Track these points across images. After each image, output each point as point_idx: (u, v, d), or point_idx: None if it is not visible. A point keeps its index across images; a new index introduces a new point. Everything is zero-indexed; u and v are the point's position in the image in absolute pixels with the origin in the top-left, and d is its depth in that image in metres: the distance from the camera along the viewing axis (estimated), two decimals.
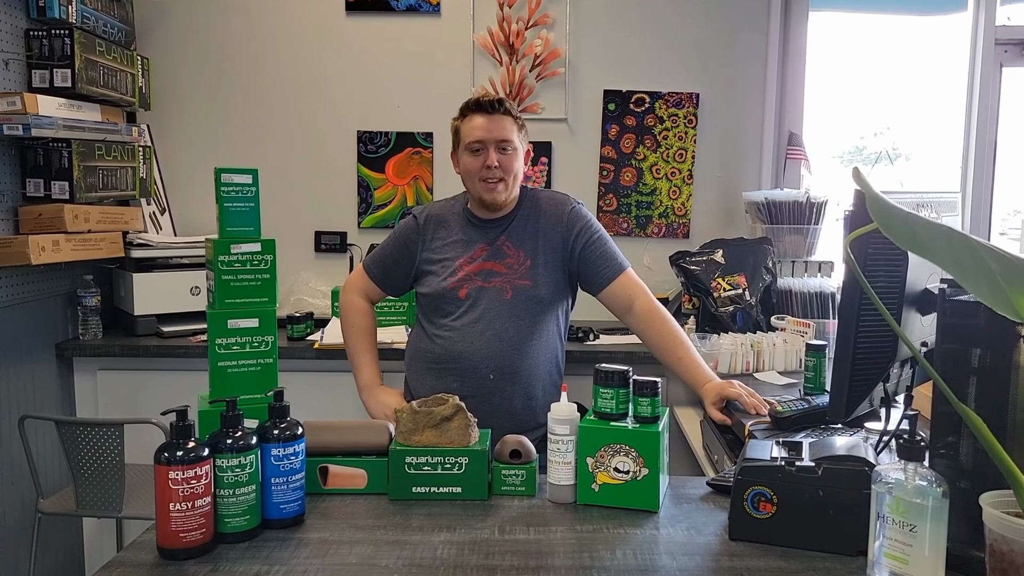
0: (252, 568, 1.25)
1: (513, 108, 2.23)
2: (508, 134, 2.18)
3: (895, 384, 1.48)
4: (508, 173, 2.19)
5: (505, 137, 2.18)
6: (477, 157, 2.18)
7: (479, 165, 2.17)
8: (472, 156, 2.19)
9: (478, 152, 2.18)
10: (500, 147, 2.17)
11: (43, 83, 2.71)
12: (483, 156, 2.17)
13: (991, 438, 1.04)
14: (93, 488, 2.46)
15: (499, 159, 2.17)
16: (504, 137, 2.17)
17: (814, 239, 3.19)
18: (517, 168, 2.21)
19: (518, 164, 2.22)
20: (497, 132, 2.18)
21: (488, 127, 2.18)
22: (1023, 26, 3.40)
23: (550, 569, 1.25)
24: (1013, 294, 0.87)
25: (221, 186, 1.57)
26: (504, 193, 2.20)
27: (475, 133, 2.18)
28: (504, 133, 2.18)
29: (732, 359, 2.63)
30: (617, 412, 1.51)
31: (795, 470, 1.33)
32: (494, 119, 2.18)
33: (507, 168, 2.18)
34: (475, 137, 2.18)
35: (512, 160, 2.19)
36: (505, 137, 2.18)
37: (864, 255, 1.30)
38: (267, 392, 1.52)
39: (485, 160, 2.16)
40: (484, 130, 2.18)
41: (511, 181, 2.20)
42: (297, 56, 3.43)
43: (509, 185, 2.20)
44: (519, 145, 2.22)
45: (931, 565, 1.14)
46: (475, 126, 2.19)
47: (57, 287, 2.96)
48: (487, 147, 2.17)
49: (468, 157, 2.20)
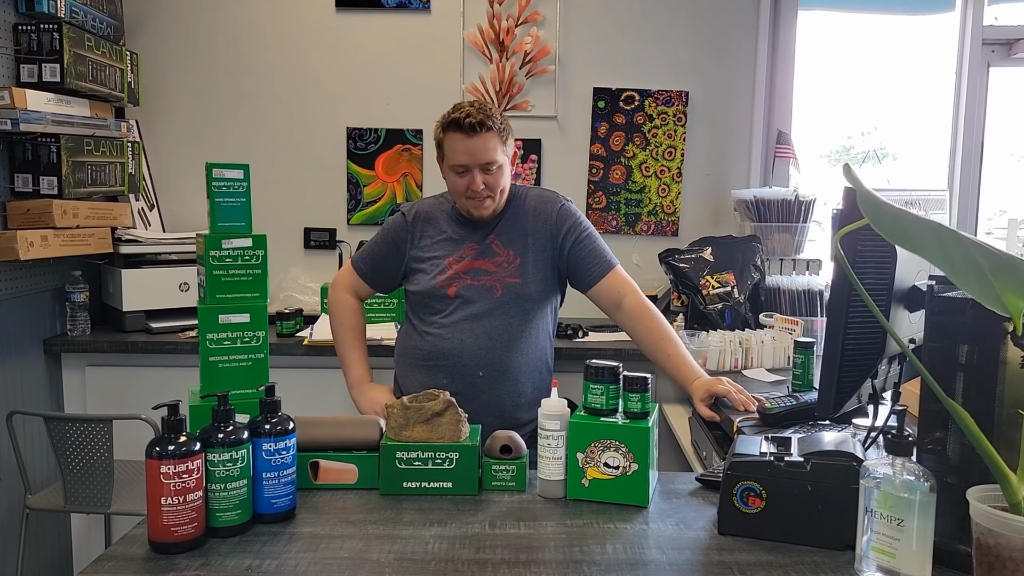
0: (243, 562, 1.25)
1: (496, 121, 2.15)
2: (492, 155, 2.13)
3: (883, 380, 1.49)
4: (495, 191, 2.17)
5: (489, 160, 2.13)
6: (462, 178, 2.15)
7: (464, 186, 2.15)
8: (457, 177, 2.16)
9: (463, 174, 2.15)
10: (484, 169, 2.14)
11: (32, 78, 2.70)
12: (468, 178, 2.14)
13: (978, 433, 1.05)
14: (81, 484, 2.45)
15: (484, 180, 2.14)
16: (488, 160, 2.13)
17: (802, 237, 3.20)
18: (504, 183, 2.19)
19: (505, 179, 2.19)
20: (480, 156, 2.12)
21: (471, 151, 2.12)
22: (1010, 26, 3.42)
23: (540, 563, 1.26)
24: (1001, 289, 0.88)
25: (212, 181, 1.56)
26: (491, 207, 2.19)
27: (458, 157, 2.14)
28: (487, 155, 2.13)
29: (721, 356, 2.64)
30: (607, 408, 1.51)
31: (784, 465, 1.34)
32: (476, 140, 2.12)
33: (493, 186, 2.16)
34: (458, 161, 2.14)
35: (498, 177, 2.16)
36: (489, 160, 2.13)
37: (853, 252, 1.31)
38: (258, 387, 1.52)
39: (470, 184, 2.14)
40: (467, 155, 2.12)
41: (498, 195, 2.19)
42: (287, 52, 3.43)
43: (496, 199, 2.19)
44: (504, 160, 2.18)
45: (918, 559, 1.15)
46: (457, 149, 2.13)
47: (45, 283, 2.94)
48: (471, 170, 2.14)
49: (453, 176, 2.17)
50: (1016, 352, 1.15)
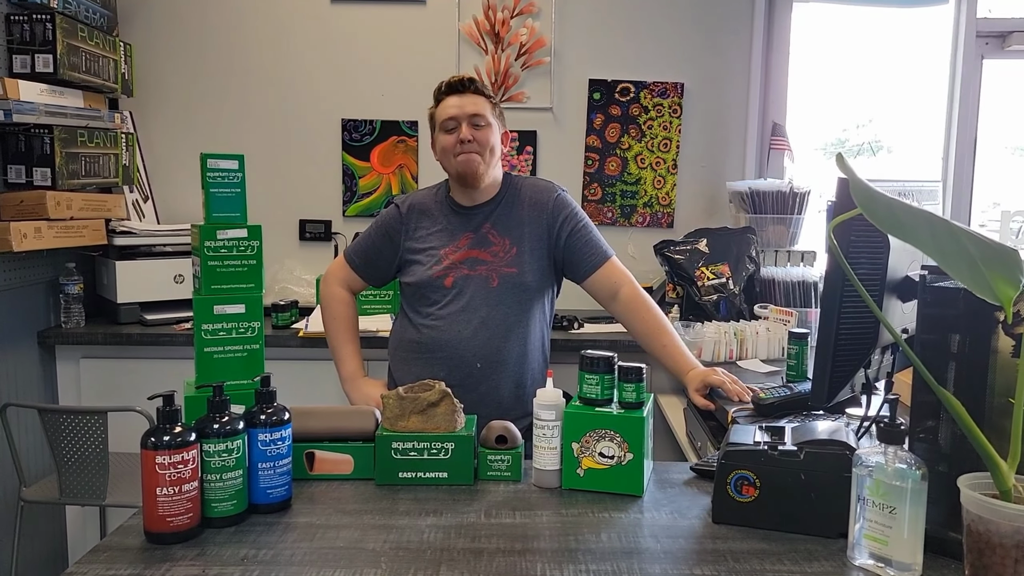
0: (239, 552, 1.26)
1: (485, 88, 2.25)
2: (480, 109, 2.19)
3: (876, 370, 1.49)
4: (483, 147, 2.18)
5: (477, 111, 2.19)
6: (452, 134, 2.19)
7: (454, 141, 2.18)
8: (447, 134, 2.20)
9: (452, 130, 2.19)
10: (473, 122, 2.18)
11: (24, 68, 2.69)
12: (457, 133, 2.18)
13: (970, 422, 1.06)
14: (76, 476, 2.46)
15: (473, 133, 2.17)
16: (476, 111, 2.18)
17: (797, 229, 3.21)
18: (493, 142, 2.21)
19: (494, 138, 2.22)
20: (469, 108, 2.19)
21: (460, 103, 2.19)
22: (1004, 18, 3.43)
23: (536, 552, 1.26)
24: (992, 278, 0.88)
25: (207, 172, 1.56)
26: (481, 165, 2.18)
27: (448, 111, 2.19)
28: (476, 108, 2.19)
29: (716, 347, 2.65)
30: (602, 398, 1.52)
31: (778, 454, 1.34)
32: (465, 97, 2.20)
33: (482, 141, 2.18)
34: (448, 115, 2.19)
35: (487, 134, 2.19)
36: (477, 111, 2.19)
37: (847, 242, 1.31)
38: (253, 377, 1.52)
39: (459, 135, 2.17)
40: (456, 107, 2.19)
41: (487, 155, 2.19)
42: (282, 43, 3.42)
43: (485, 159, 2.19)
44: (493, 121, 2.22)
45: (910, 546, 1.16)
46: (448, 105, 2.20)
47: (39, 275, 2.94)
48: (460, 123, 2.18)
49: (443, 136, 2.21)
50: (1007, 341, 1.16)
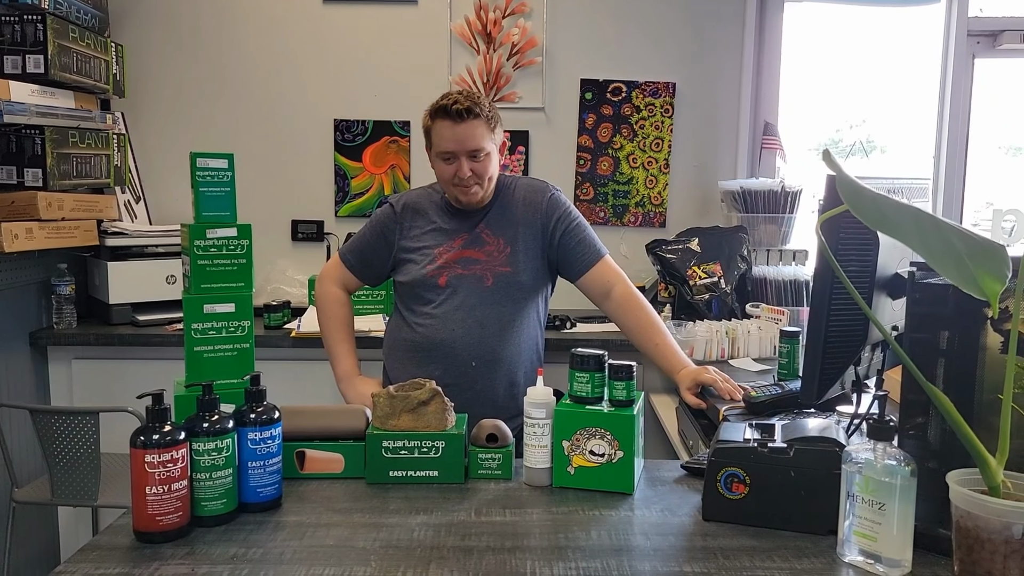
0: (229, 551, 1.26)
1: (484, 108, 2.14)
2: (479, 142, 2.13)
3: (866, 368, 1.50)
4: (483, 178, 2.16)
5: (476, 147, 2.12)
6: (450, 165, 2.15)
7: (452, 173, 2.14)
8: (445, 164, 2.16)
9: (450, 161, 2.15)
10: (472, 155, 2.14)
11: (15, 69, 2.68)
12: (455, 166, 2.13)
13: (959, 418, 1.06)
14: (68, 477, 2.45)
15: (472, 167, 2.13)
16: (475, 147, 2.12)
17: (789, 228, 3.22)
18: (492, 170, 2.18)
19: (492, 167, 2.18)
20: (468, 143, 2.12)
21: (458, 138, 2.11)
22: (995, 17, 3.44)
23: (526, 549, 1.26)
24: (978, 273, 0.88)
25: (196, 171, 1.56)
26: (480, 194, 2.18)
27: (445, 144, 2.13)
28: (475, 142, 2.12)
29: (707, 346, 2.65)
30: (593, 396, 1.52)
31: (768, 451, 1.34)
32: (463, 127, 2.11)
33: (481, 174, 2.15)
34: (445, 148, 2.13)
35: (486, 165, 2.16)
36: (476, 147, 2.12)
37: (836, 240, 1.31)
38: (243, 376, 1.51)
39: (457, 171, 2.13)
40: (454, 141, 2.12)
41: (486, 183, 2.18)
42: (273, 43, 3.41)
43: (485, 186, 2.18)
44: (492, 148, 2.18)
45: (899, 542, 1.16)
46: (444, 136, 2.13)
47: (31, 275, 2.93)
48: (458, 157, 2.13)
49: (441, 164, 2.17)
50: (996, 338, 1.16)
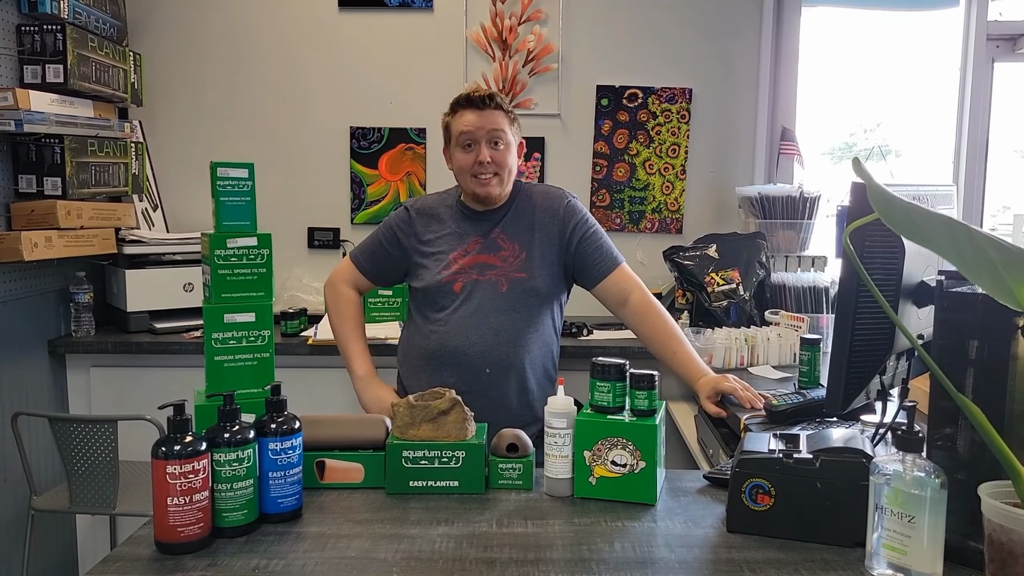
0: (250, 562, 1.25)
1: (504, 102, 2.21)
2: (500, 125, 2.17)
3: (891, 377, 1.48)
4: (501, 168, 2.17)
5: (497, 127, 2.16)
6: (469, 153, 2.17)
7: (471, 161, 2.16)
8: (464, 152, 2.18)
9: (470, 148, 2.17)
10: (492, 142, 2.16)
11: (35, 79, 2.70)
12: (475, 152, 2.15)
13: (990, 429, 1.05)
14: (87, 485, 2.45)
15: (491, 154, 2.15)
16: (496, 127, 2.16)
17: (807, 234, 3.19)
18: (510, 163, 2.20)
19: (511, 159, 2.20)
20: (488, 126, 2.16)
21: (479, 122, 2.16)
22: (1015, 21, 3.41)
23: (549, 562, 1.25)
24: (1013, 283, 0.87)
25: (217, 180, 1.56)
26: (498, 187, 2.19)
27: (466, 128, 2.16)
28: (496, 125, 2.16)
29: (726, 353, 2.63)
30: (614, 405, 1.51)
31: (793, 462, 1.33)
32: (485, 114, 2.16)
33: (500, 163, 2.17)
34: (466, 130, 2.16)
35: (505, 155, 2.17)
36: (497, 127, 2.16)
37: (862, 247, 1.30)
38: (264, 386, 1.51)
39: (477, 156, 2.15)
40: (475, 125, 2.16)
41: (505, 175, 2.19)
42: (290, 52, 3.42)
43: (503, 179, 2.19)
44: (511, 139, 2.20)
45: (930, 556, 1.14)
46: (466, 122, 2.17)
47: (50, 284, 2.94)
48: (478, 142, 2.15)
49: (460, 153, 2.19)
50: None
